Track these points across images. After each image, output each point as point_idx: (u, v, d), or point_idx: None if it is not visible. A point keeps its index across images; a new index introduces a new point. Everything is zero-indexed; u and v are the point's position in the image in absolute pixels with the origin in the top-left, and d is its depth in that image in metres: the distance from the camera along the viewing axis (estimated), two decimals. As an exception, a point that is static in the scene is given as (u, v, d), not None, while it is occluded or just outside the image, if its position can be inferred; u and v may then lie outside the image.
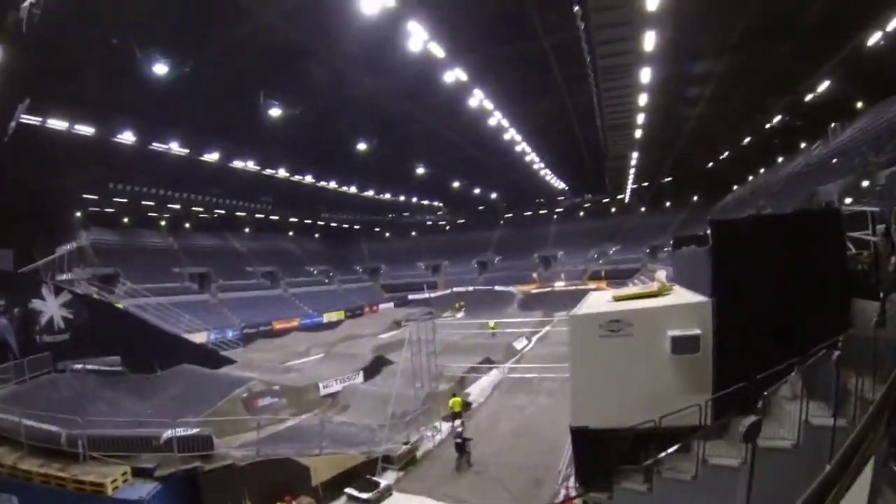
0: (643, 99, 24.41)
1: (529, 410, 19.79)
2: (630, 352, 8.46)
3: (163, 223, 47.90)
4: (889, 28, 20.02)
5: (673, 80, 22.36)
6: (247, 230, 56.41)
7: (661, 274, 11.79)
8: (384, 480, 12.43)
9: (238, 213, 52.91)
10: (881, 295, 6.02)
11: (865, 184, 18.17)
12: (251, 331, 39.10)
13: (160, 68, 20.26)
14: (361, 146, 35.09)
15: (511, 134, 34.95)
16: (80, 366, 18.24)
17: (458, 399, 18.07)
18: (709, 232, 8.85)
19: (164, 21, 18.20)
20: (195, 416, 15.06)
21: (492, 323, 34.13)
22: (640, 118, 28.14)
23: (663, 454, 6.89)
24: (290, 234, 63.18)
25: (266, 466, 11.38)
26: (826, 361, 5.24)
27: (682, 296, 9.72)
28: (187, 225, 50.44)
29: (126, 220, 44.16)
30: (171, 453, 10.78)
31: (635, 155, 38.76)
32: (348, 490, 11.89)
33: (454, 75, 23.89)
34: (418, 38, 19.60)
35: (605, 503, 7.63)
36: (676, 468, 6.81)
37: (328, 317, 48.73)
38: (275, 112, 26.11)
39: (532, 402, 20.88)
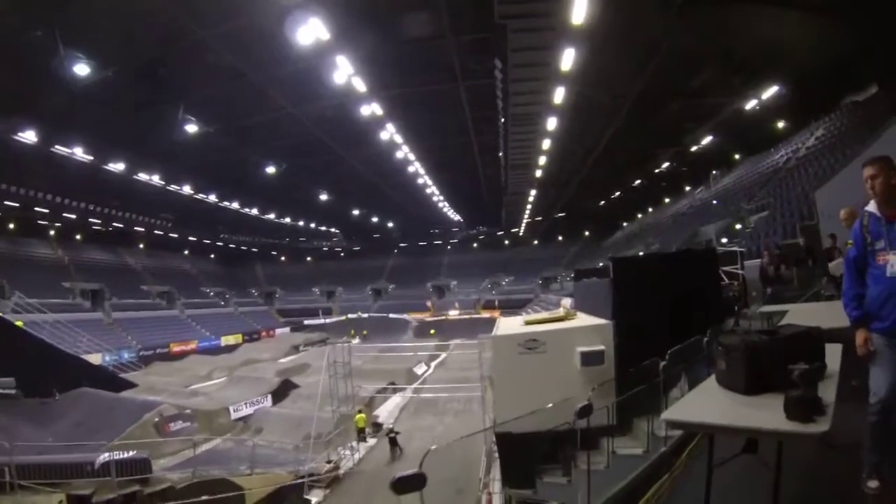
0: (546, 143, 26.75)
1: (439, 430, 20.71)
2: (546, 366, 9.81)
3: (52, 233, 44.01)
4: (763, 97, 23.87)
5: (574, 128, 24.91)
6: (141, 246, 53.10)
7: (566, 302, 13.58)
8: (314, 498, 12.78)
9: (137, 228, 49.70)
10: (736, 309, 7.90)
11: (738, 226, 20.86)
12: (148, 353, 37.33)
13: (81, 69, 19.08)
14: (270, 169, 34.80)
15: (415, 167, 36.29)
16: (-32, 389, 16.51)
17: (362, 416, 19.54)
18: (610, 266, 10.60)
19: (96, 22, 17.48)
20: (101, 443, 14.38)
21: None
22: (542, 160, 30.42)
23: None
24: (186, 252, 60.19)
25: (202, 488, 11.30)
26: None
27: (586, 320, 11.36)
28: (78, 237, 46.69)
29: (11, 226, 40.14)
30: (108, 478, 10.32)
31: (533, 192, 41.40)
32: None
33: (370, 109, 24.85)
34: (344, 71, 20.29)
35: (528, 498, 8.79)
36: (591, 461, 8.15)
37: (225, 340, 47.43)
38: (190, 128, 25.48)
39: (440, 422, 21.91)
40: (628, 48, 17.73)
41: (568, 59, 15.66)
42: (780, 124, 28.51)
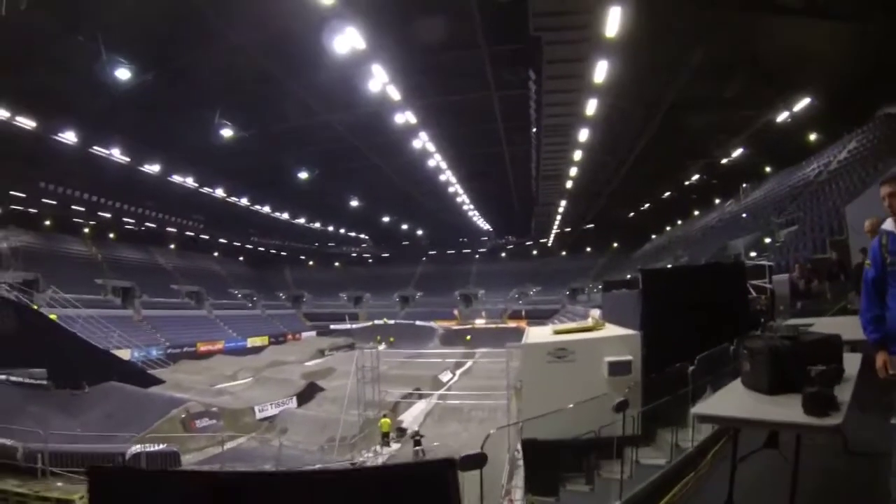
0: (577, 155, 26.80)
1: (464, 437, 20.66)
2: (574, 374, 9.91)
3: (86, 230, 45.39)
4: (795, 109, 23.43)
5: (606, 140, 24.93)
6: (172, 246, 54.43)
7: (595, 313, 13.65)
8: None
9: (169, 228, 50.94)
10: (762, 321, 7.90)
11: (768, 240, 20.49)
12: (175, 351, 37.98)
13: (122, 73, 19.78)
14: (302, 175, 35.55)
15: (447, 175, 36.42)
16: (3, 377, 17.12)
17: (387, 420, 19.50)
18: (639, 278, 10.67)
19: (136, 27, 18.13)
20: (131, 434, 14.73)
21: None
22: (573, 171, 30.45)
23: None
24: (216, 254, 61.48)
25: None
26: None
27: (614, 330, 11.42)
28: (111, 235, 48.07)
29: (48, 223, 41.59)
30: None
31: (563, 203, 41.24)
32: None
33: (404, 117, 25.09)
34: (379, 79, 20.60)
35: (550, 504, 8.87)
36: (614, 470, 8.21)
37: (252, 342, 47.99)
38: (226, 133, 26.28)
39: (465, 430, 21.88)
40: (661, 58, 17.71)
41: (601, 70, 15.79)
42: (813, 136, 27.94)
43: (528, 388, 10.51)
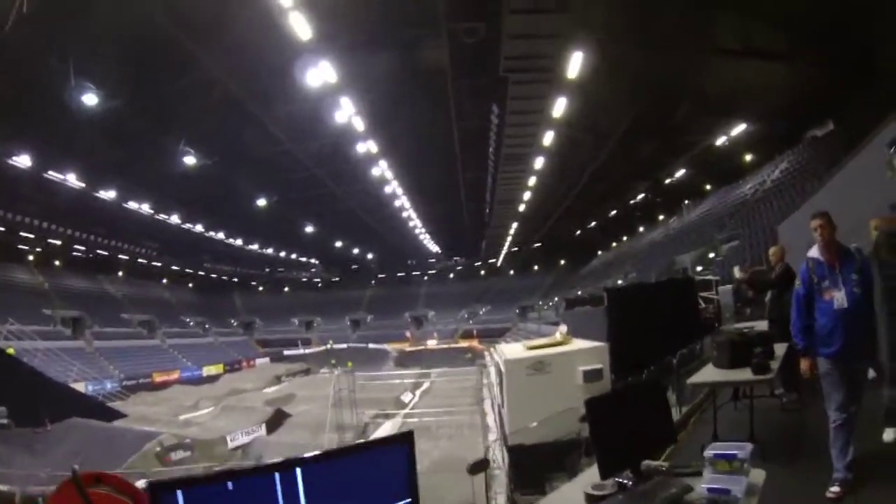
0: (532, 181, 28.52)
1: (436, 453, 21.15)
2: (552, 384, 10.99)
3: (30, 258, 43.32)
4: (732, 133, 25.97)
5: (560, 166, 26.69)
6: (120, 273, 52.47)
7: (563, 328, 14.85)
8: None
9: (121, 256, 49.53)
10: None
11: (712, 255, 22.06)
12: (130, 382, 36.73)
13: (90, 98, 19.41)
14: (260, 202, 35.75)
15: (402, 200, 37.35)
16: (-40, 418, 16.27)
17: None
18: (604, 296, 12.00)
19: (109, 52, 18.06)
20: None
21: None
22: (526, 195, 32.22)
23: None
24: (164, 281, 59.64)
25: None
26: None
27: (583, 343, 12.64)
28: (57, 262, 45.83)
29: (-8, 251, 39.40)
30: None
31: (514, 225, 43.20)
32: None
33: (366, 146, 25.94)
34: (346, 111, 21.47)
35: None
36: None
37: (207, 370, 46.49)
38: (189, 160, 26.26)
39: (436, 447, 22.34)
40: (613, 94, 19.52)
41: (560, 106, 17.39)
42: (748, 157, 30.50)
43: (510, 400, 11.48)
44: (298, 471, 1.28)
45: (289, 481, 1.27)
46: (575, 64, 14.55)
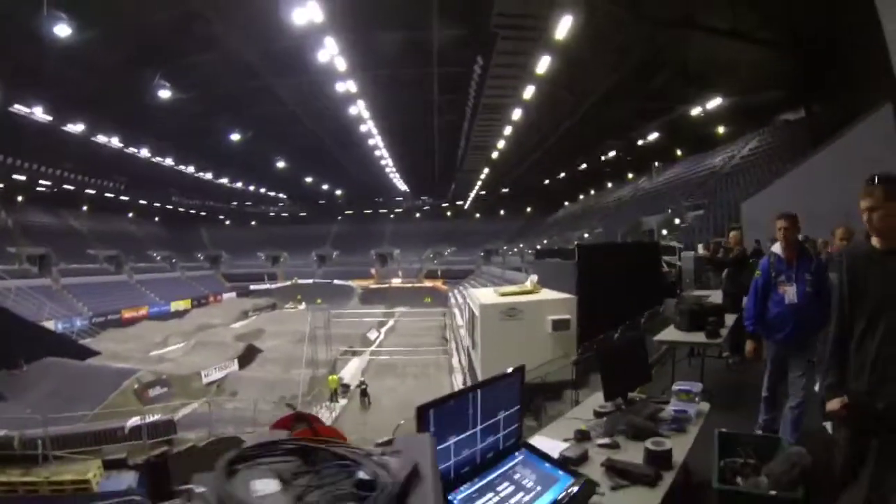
0: (507, 130, 28.81)
1: (401, 390, 21.78)
2: (523, 330, 11.91)
3: (-8, 195, 41.55)
4: (708, 106, 26.36)
5: (536, 119, 26.99)
6: (84, 208, 50.93)
7: (534, 278, 15.73)
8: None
9: (88, 191, 47.66)
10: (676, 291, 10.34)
11: (677, 221, 23.08)
12: (99, 319, 36.78)
13: (62, 29, 18.25)
14: (234, 136, 35.00)
15: (376, 140, 37.03)
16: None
17: (335, 377, 21.01)
18: (575, 251, 12.84)
19: None
20: (84, 411, 14.26)
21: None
22: (500, 143, 32.58)
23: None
24: (130, 215, 58.20)
25: (220, 445, 11.50)
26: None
27: (552, 293, 13.58)
28: (20, 199, 44.26)
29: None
30: (138, 441, 10.93)
31: (486, 170, 43.66)
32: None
33: (346, 86, 25.58)
34: (329, 51, 21.03)
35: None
36: (558, 409, 10.34)
37: (175, 306, 46.98)
38: (164, 93, 25.34)
39: (402, 384, 23.32)
40: (598, 58, 19.76)
41: (544, 64, 17.62)
42: (721, 129, 31.30)
43: (484, 343, 12.43)
44: (479, 392, 2.12)
45: (474, 399, 2.11)
46: (564, 26, 14.77)
